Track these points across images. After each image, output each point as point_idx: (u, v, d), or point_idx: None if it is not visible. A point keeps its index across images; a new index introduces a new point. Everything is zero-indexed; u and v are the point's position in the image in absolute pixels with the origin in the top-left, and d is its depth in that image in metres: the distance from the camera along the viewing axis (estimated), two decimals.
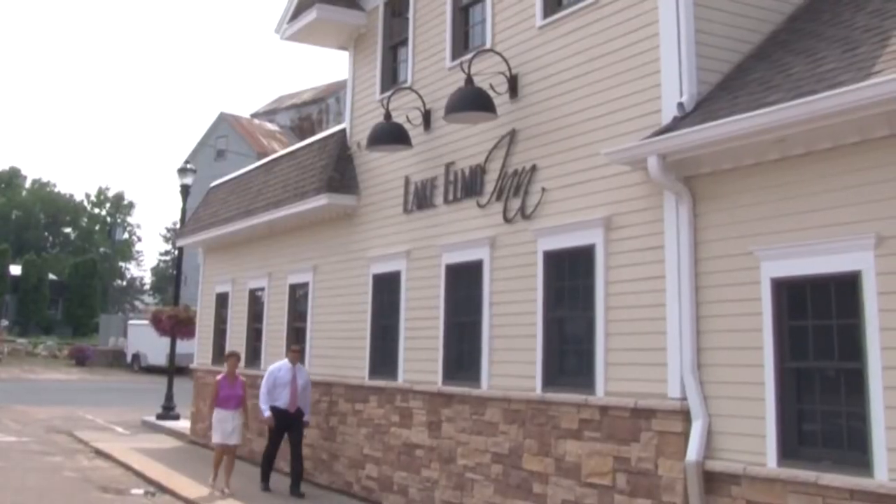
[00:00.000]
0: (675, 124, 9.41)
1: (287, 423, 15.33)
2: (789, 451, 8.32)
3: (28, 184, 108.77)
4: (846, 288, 7.97)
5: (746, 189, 8.90)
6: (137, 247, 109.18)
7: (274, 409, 15.20)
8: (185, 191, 29.17)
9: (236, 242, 20.74)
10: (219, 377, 15.68)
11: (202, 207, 23.23)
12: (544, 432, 11.01)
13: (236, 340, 20.51)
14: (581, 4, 11.12)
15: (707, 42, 9.77)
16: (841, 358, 8.06)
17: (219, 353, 21.52)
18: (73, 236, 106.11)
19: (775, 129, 8.24)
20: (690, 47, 9.63)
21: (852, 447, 7.87)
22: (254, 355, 19.57)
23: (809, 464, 8.10)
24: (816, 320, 8.31)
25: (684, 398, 9.24)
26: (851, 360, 7.91)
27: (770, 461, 8.42)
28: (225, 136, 63.86)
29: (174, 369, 27.86)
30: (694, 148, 8.97)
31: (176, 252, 32.39)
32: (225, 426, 15.29)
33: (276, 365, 15.63)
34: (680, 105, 9.54)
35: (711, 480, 8.94)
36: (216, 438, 15.47)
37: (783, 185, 8.54)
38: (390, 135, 13.68)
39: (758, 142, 8.50)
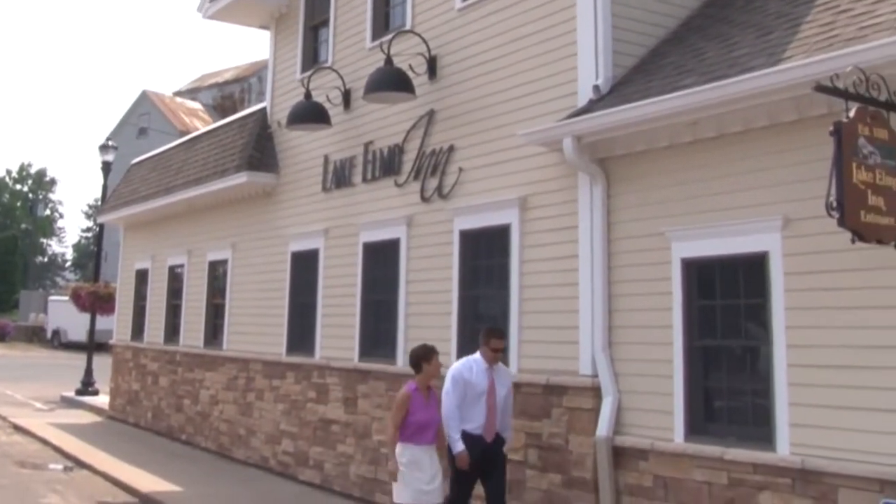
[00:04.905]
0: (591, 106, 9.25)
1: (483, 460, 9.07)
2: (696, 427, 8.27)
3: None
4: (754, 268, 7.90)
5: (659, 171, 8.79)
6: (59, 223, 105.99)
7: (462, 434, 8.99)
8: (107, 168, 28.42)
9: (156, 219, 20.19)
10: (408, 388, 9.02)
11: (123, 184, 22.66)
12: None
13: (155, 317, 20.03)
14: None
15: (623, 26, 9.61)
16: (747, 337, 8.03)
17: (138, 329, 21.07)
18: None
19: (688, 113, 8.15)
20: (607, 31, 9.45)
21: (757, 423, 7.84)
22: (173, 331, 19.12)
23: (715, 439, 8.07)
24: (725, 300, 8.25)
25: (595, 375, 9.12)
26: (757, 339, 7.88)
27: (677, 437, 8.36)
28: (147, 113, 62.59)
29: (94, 345, 27.24)
30: (608, 130, 8.84)
31: (97, 229, 31.59)
32: (421, 475, 8.72)
33: (463, 363, 9.32)
34: (595, 87, 9.38)
35: (620, 455, 8.85)
36: (407, 497, 8.72)
37: (695, 168, 8.44)
38: (310, 114, 13.35)
39: (671, 124, 8.39)
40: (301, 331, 14.23)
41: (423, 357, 9.05)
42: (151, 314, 20.39)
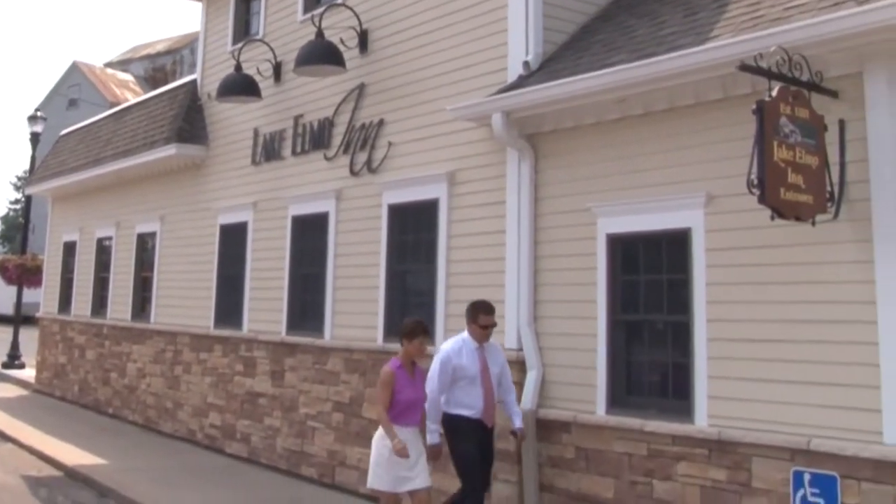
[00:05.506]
0: (520, 82, 9.18)
1: (482, 446, 8.45)
2: (618, 399, 8.29)
3: None
4: (677, 244, 7.91)
5: (586, 147, 8.75)
6: None
7: (460, 420, 8.35)
8: (35, 139, 27.61)
9: (85, 191, 19.68)
10: (391, 365, 8.01)
11: (51, 156, 22.06)
12: None
13: (83, 289, 19.57)
14: None
15: (555, 2, 9.54)
16: (669, 311, 8.03)
17: (65, 302, 20.58)
18: None
19: (615, 90, 8.11)
20: (538, 7, 9.37)
21: (677, 395, 7.88)
22: (100, 304, 18.68)
23: (636, 412, 8.09)
24: (648, 275, 8.26)
25: (521, 349, 9.09)
26: (679, 314, 7.88)
27: (599, 409, 8.38)
28: (77, 84, 60.91)
29: (21, 318, 26.59)
30: (537, 106, 8.78)
31: (25, 200, 30.84)
32: (403, 461, 7.70)
33: (452, 344, 8.53)
34: (525, 64, 9.31)
35: (544, 428, 8.84)
36: (386, 484, 7.84)
37: (621, 144, 8.42)
38: (240, 86, 13.06)
39: (598, 101, 8.36)
40: (229, 304, 13.99)
41: (406, 334, 8.09)
42: (79, 287, 19.90)
